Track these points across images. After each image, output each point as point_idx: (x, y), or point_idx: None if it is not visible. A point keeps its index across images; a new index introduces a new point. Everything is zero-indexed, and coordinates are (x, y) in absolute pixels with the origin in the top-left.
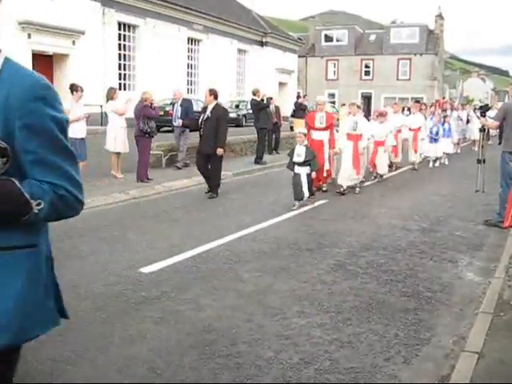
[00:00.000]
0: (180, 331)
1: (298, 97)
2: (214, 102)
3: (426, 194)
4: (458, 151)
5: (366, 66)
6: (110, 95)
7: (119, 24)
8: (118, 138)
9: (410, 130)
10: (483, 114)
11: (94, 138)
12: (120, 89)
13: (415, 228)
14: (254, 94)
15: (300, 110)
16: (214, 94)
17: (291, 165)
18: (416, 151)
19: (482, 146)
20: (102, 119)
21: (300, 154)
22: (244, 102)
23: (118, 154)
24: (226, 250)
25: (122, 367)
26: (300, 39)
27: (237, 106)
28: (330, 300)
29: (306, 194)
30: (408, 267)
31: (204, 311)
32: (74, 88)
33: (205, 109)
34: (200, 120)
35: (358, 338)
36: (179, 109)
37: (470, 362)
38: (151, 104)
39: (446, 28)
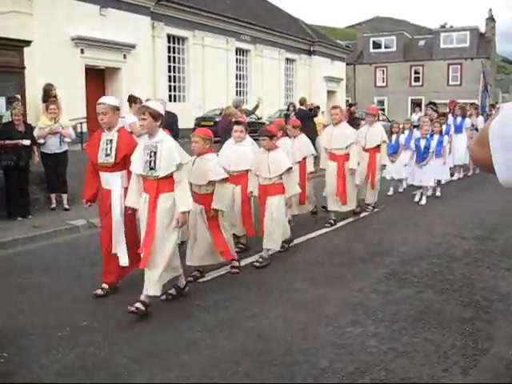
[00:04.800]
0: (234, 340)
1: (351, 105)
2: None
3: (480, 201)
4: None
5: (416, 72)
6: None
7: (168, 37)
8: None
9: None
10: None
11: None
12: (170, 100)
13: (470, 236)
14: (302, 104)
15: (351, 119)
16: None
17: None
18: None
19: None
20: None
21: None
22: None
23: None
24: (277, 259)
25: (178, 374)
26: (348, 47)
27: (286, 116)
28: (385, 309)
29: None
30: (464, 276)
31: (257, 320)
32: (132, 100)
33: None
34: None
35: (414, 347)
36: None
37: None
38: (233, 118)
39: (497, 31)
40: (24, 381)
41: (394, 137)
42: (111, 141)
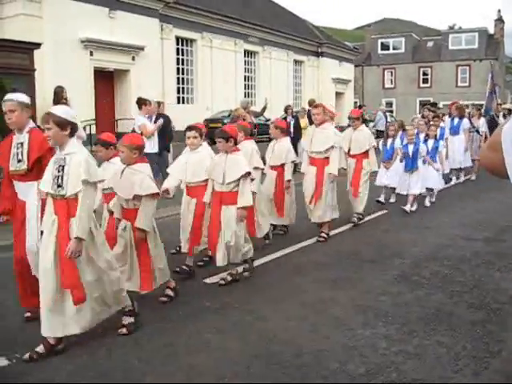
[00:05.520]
0: (244, 341)
1: (360, 106)
2: None
3: (489, 203)
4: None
5: (424, 74)
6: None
7: (177, 39)
8: None
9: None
10: None
11: None
12: (179, 102)
13: (479, 238)
14: (310, 105)
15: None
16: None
17: None
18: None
19: None
20: None
21: None
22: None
23: None
24: (285, 261)
25: (189, 375)
26: (356, 48)
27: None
28: (395, 311)
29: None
30: (474, 278)
31: (268, 321)
32: (141, 102)
33: None
34: None
35: (424, 349)
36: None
37: None
38: (244, 120)
39: (506, 32)
40: (36, 381)
41: (389, 141)
42: (22, 144)
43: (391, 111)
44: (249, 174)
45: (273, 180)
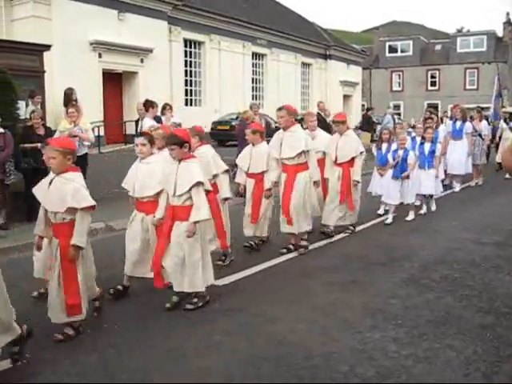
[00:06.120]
0: (254, 343)
1: (367, 109)
2: None
3: (493, 207)
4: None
5: (432, 77)
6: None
7: (185, 41)
8: None
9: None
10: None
11: None
12: (187, 104)
13: (489, 242)
14: (319, 107)
15: (367, 124)
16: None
17: None
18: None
19: None
20: None
21: None
22: None
23: None
24: (293, 265)
25: (199, 377)
26: (364, 51)
27: (301, 119)
28: (405, 314)
29: None
30: (483, 282)
31: (277, 324)
32: (149, 104)
33: None
34: None
35: (434, 353)
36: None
37: None
38: (252, 123)
39: None
40: (47, 381)
41: (384, 146)
42: None
43: (399, 114)
44: (201, 183)
45: (250, 189)
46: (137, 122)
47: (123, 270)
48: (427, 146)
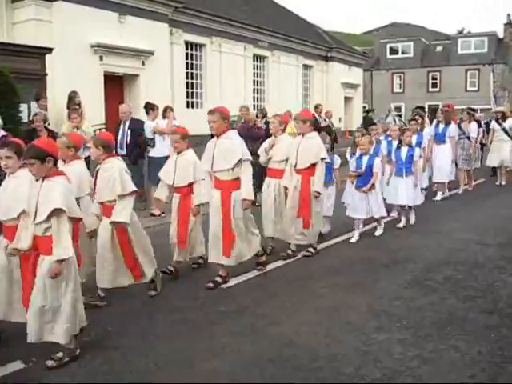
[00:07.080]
0: (259, 345)
1: (368, 111)
2: None
3: (500, 208)
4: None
5: (433, 78)
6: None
7: (186, 43)
8: None
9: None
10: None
11: None
12: (188, 107)
13: (492, 243)
14: (316, 109)
15: (368, 126)
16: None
17: None
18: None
19: None
20: None
21: None
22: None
23: None
24: (297, 267)
25: (204, 378)
26: (365, 53)
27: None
28: (409, 316)
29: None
30: (487, 283)
31: (282, 326)
32: (149, 107)
33: None
34: None
35: (439, 354)
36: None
37: None
38: (254, 124)
39: None
40: (56, 381)
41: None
42: None
43: (400, 115)
44: (61, 210)
45: (176, 206)
46: (117, 127)
47: None
48: (404, 151)
